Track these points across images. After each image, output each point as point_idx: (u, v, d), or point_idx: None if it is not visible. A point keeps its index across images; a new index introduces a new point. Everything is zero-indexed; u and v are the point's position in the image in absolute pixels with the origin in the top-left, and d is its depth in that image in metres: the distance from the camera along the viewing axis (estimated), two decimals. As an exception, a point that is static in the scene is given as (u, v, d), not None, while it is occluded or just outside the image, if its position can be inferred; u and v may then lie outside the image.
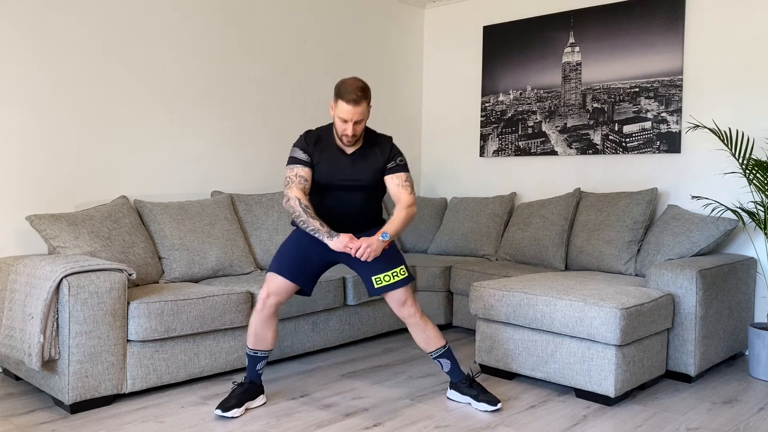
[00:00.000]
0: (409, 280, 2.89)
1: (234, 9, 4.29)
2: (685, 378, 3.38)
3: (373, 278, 2.84)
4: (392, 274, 2.84)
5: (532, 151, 4.88)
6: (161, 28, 3.94)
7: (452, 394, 3.06)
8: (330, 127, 2.89)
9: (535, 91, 4.87)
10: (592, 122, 4.57)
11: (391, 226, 2.78)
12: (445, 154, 5.45)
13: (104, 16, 3.70)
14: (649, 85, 4.29)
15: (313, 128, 2.95)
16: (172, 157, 4.02)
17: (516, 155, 4.97)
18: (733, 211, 3.59)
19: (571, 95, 4.67)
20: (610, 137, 4.47)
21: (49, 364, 2.83)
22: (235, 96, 4.33)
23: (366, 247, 2.69)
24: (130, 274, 2.96)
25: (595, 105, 4.55)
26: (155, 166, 3.95)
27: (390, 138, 2.95)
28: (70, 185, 3.60)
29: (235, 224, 3.88)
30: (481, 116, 5.18)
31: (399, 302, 2.89)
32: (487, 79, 5.14)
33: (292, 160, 2.83)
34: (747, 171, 3.61)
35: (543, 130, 4.83)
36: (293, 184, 2.79)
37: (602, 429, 2.75)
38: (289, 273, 2.84)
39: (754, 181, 3.59)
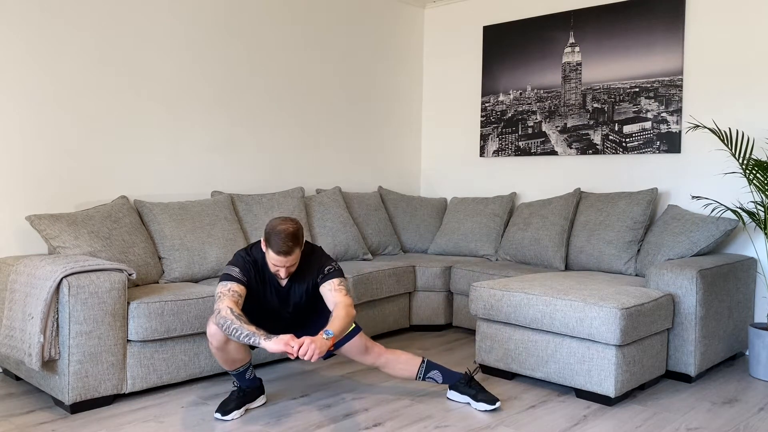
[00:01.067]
0: (359, 329, 2.91)
1: (234, 10, 4.29)
2: (685, 378, 3.38)
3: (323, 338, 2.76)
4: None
5: (532, 151, 4.88)
6: (161, 29, 3.94)
7: (452, 394, 3.06)
8: (261, 251, 2.79)
9: (535, 91, 4.86)
10: (592, 122, 4.57)
11: (334, 325, 2.57)
12: (445, 154, 5.45)
13: (104, 17, 3.69)
14: (649, 85, 4.29)
15: (248, 250, 2.79)
16: (172, 157, 4.02)
17: (516, 155, 4.97)
18: (733, 211, 3.59)
19: (571, 95, 4.67)
20: (610, 137, 4.47)
21: (49, 364, 2.83)
22: (235, 96, 4.33)
23: (310, 344, 2.41)
24: (130, 274, 2.96)
25: (595, 105, 4.55)
26: (155, 166, 3.95)
27: (318, 250, 2.86)
28: (70, 185, 3.60)
29: (235, 224, 3.88)
30: (481, 116, 5.18)
31: (361, 350, 2.90)
32: (487, 79, 5.14)
33: (227, 277, 2.67)
34: (747, 171, 3.61)
35: (543, 130, 4.83)
36: (225, 297, 2.60)
37: (602, 429, 2.75)
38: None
39: (754, 181, 3.59)
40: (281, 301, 2.83)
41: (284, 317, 2.87)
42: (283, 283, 2.81)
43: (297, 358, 2.69)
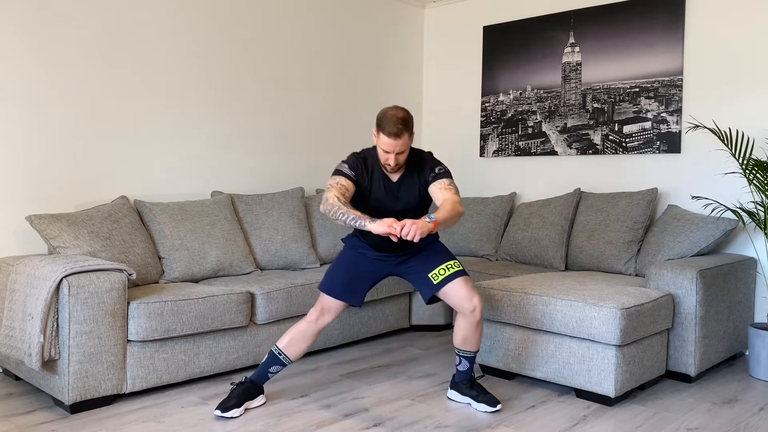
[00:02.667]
0: (465, 272, 2.86)
1: (234, 9, 4.29)
2: (685, 378, 3.38)
3: (429, 276, 2.82)
4: (446, 267, 2.83)
5: (532, 151, 4.88)
6: (162, 29, 3.94)
7: (452, 394, 3.06)
8: (374, 151, 2.84)
9: (535, 91, 4.86)
10: (592, 122, 4.57)
11: (438, 213, 2.62)
12: (445, 154, 5.44)
13: (105, 17, 3.70)
14: (649, 85, 4.29)
15: (360, 151, 2.87)
16: (172, 157, 4.02)
17: (516, 155, 4.97)
18: (733, 211, 3.59)
19: (571, 95, 4.67)
20: (610, 137, 4.47)
21: (49, 364, 2.83)
22: (235, 96, 4.33)
23: (411, 225, 2.47)
24: (130, 274, 2.96)
25: (595, 105, 4.55)
26: (155, 166, 3.95)
27: (429, 153, 2.90)
28: (70, 185, 3.60)
29: (235, 224, 3.88)
30: (481, 116, 5.18)
31: (463, 296, 2.80)
32: (487, 79, 5.14)
33: (337, 172, 2.76)
34: (747, 171, 3.61)
35: (543, 130, 4.83)
36: (333, 188, 2.69)
37: (602, 429, 2.75)
38: (341, 294, 2.87)
39: (754, 181, 3.59)
40: (392, 197, 2.82)
41: (394, 215, 2.83)
42: (394, 178, 2.82)
43: (400, 240, 2.73)
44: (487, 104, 5.15)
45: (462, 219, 4.86)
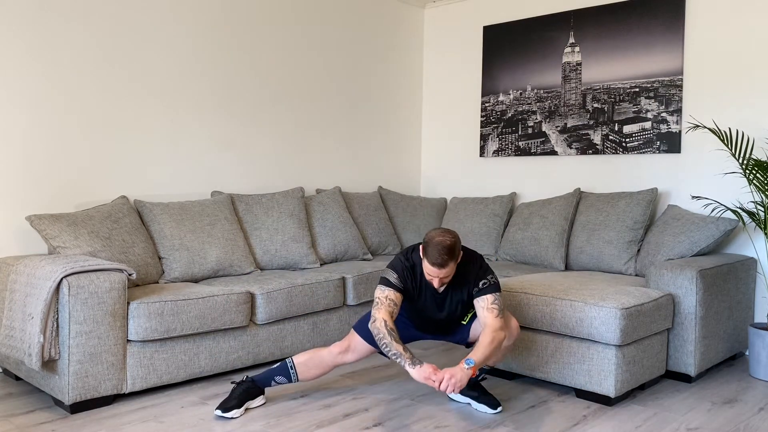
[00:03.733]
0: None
1: (234, 10, 4.29)
2: (685, 378, 3.38)
3: (462, 322, 2.88)
4: (471, 314, 2.88)
5: (532, 151, 4.88)
6: (161, 29, 3.94)
7: (453, 394, 3.05)
8: (420, 258, 2.77)
9: (535, 91, 4.86)
10: (592, 122, 4.57)
11: (476, 353, 2.56)
12: (445, 154, 5.45)
13: (104, 17, 3.70)
14: (649, 85, 4.29)
15: (407, 254, 2.79)
16: (172, 157, 4.02)
17: (516, 155, 4.97)
18: (733, 211, 3.59)
19: (571, 95, 4.67)
20: (610, 137, 4.47)
21: (49, 364, 2.83)
22: (235, 96, 4.33)
23: (450, 378, 2.47)
24: (130, 274, 2.96)
25: (595, 105, 4.55)
26: (155, 166, 3.95)
27: (479, 259, 2.80)
28: (70, 185, 3.60)
29: (235, 224, 3.88)
30: (481, 116, 5.18)
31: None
32: (487, 79, 5.14)
33: (386, 282, 2.71)
34: (747, 171, 3.61)
35: (543, 130, 4.83)
36: (382, 306, 2.66)
37: (602, 429, 2.75)
38: (372, 341, 2.86)
39: (754, 181, 3.59)
40: (436, 307, 2.82)
41: (436, 320, 2.86)
42: (440, 289, 2.78)
43: (447, 327, 2.82)
44: (487, 104, 5.15)
45: (462, 219, 4.86)
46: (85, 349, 2.80)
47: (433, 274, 2.65)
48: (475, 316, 2.85)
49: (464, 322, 2.88)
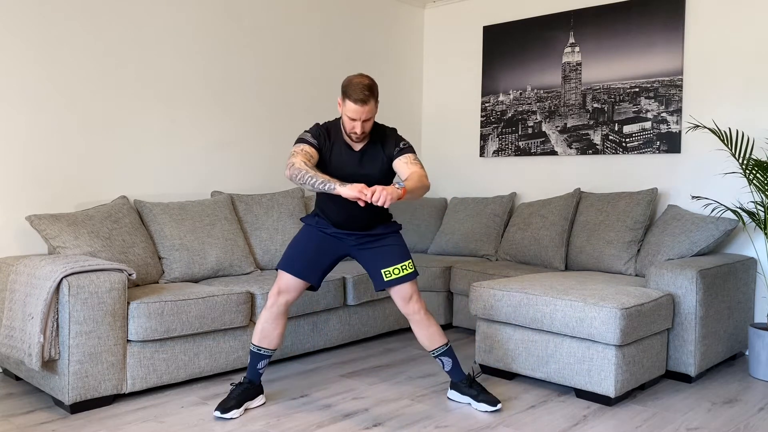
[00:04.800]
0: (415, 275, 2.89)
1: (234, 9, 4.29)
2: (685, 378, 3.38)
3: (382, 271, 2.84)
4: (401, 267, 2.85)
5: (532, 151, 4.88)
6: (162, 29, 3.94)
7: (452, 394, 3.06)
8: (338, 122, 2.86)
9: (535, 91, 4.87)
10: (592, 122, 4.57)
11: (407, 182, 2.65)
12: (445, 154, 5.45)
13: (105, 16, 3.70)
14: (649, 85, 4.29)
15: (323, 122, 2.91)
16: (172, 157, 4.02)
17: (516, 155, 4.97)
18: (733, 211, 3.59)
19: (571, 95, 4.67)
20: (610, 137, 4.47)
21: (49, 364, 2.83)
22: (235, 96, 4.33)
23: (381, 190, 2.48)
24: (130, 274, 2.96)
25: (595, 105, 4.55)
26: (155, 166, 3.95)
27: (394, 129, 2.92)
28: (70, 185, 3.60)
29: (235, 224, 3.88)
30: (481, 116, 5.18)
31: (405, 298, 2.88)
32: (487, 79, 5.14)
33: (300, 140, 2.78)
34: (747, 171, 3.61)
35: (543, 130, 4.83)
36: (297, 155, 2.70)
37: (602, 429, 2.75)
38: (300, 271, 2.85)
39: (754, 181, 3.59)
40: (354, 166, 2.82)
41: (357, 179, 2.83)
42: (357, 147, 2.81)
43: (349, 235, 2.82)
44: (487, 104, 5.15)
45: (462, 219, 4.86)
46: (85, 349, 2.80)
47: (355, 115, 2.67)
48: (397, 281, 2.84)
49: (385, 278, 2.83)
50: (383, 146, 2.84)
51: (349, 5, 5.00)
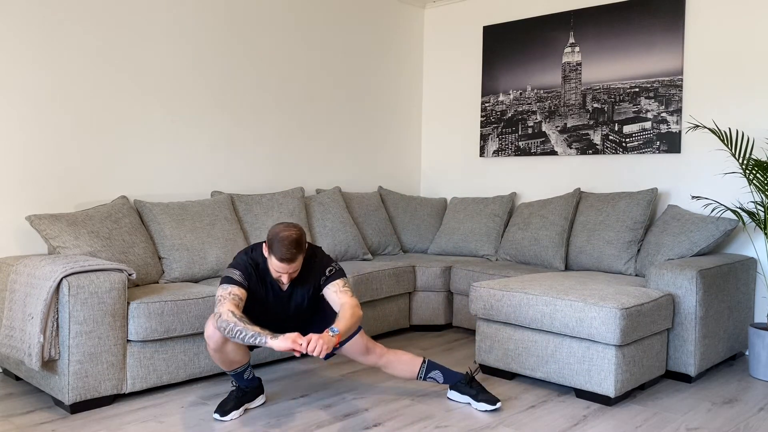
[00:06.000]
0: (359, 329, 2.90)
1: (234, 10, 4.29)
2: (685, 378, 3.38)
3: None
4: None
5: (532, 151, 4.88)
6: (162, 29, 3.94)
7: (452, 394, 3.06)
8: (262, 254, 2.76)
9: (535, 91, 4.86)
10: (592, 122, 4.57)
11: (340, 323, 2.58)
12: (445, 154, 5.45)
13: (105, 16, 3.70)
14: (649, 85, 4.29)
15: (249, 252, 2.76)
16: (172, 157, 4.02)
17: (516, 155, 4.97)
18: (733, 211, 3.59)
19: (571, 95, 4.67)
20: (610, 137, 4.47)
21: (49, 364, 2.83)
22: (235, 96, 4.33)
23: (317, 340, 2.41)
24: (130, 274, 2.96)
25: (595, 105, 4.55)
26: (155, 166, 3.95)
27: (318, 251, 2.83)
28: (70, 185, 3.60)
29: (235, 224, 3.88)
30: (481, 116, 5.18)
31: (362, 351, 2.90)
32: (487, 79, 5.14)
33: (229, 280, 2.63)
34: (747, 171, 3.61)
35: (543, 130, 4.83)
36: (225, 300, 2.57)
37: (602, 429, 2.75)
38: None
39: (754, 181, 3.59)
40: (282, 305, 2.81)
41: (286, 319, 2.86)
42: (284, 287, 2.77)
43: (303, 355, 2.71)
44: (487, 104, 5.15)
45: (462, 219, 4.86)
46: (85, 349, 2.80)
47: (282, 270, 2.62)
48: (346, 341, 2.83)
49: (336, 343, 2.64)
50: (309, 277, 2.78)
51: (349, 5, 5.00)
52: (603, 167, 4.53)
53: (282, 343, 2.42)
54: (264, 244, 2.69)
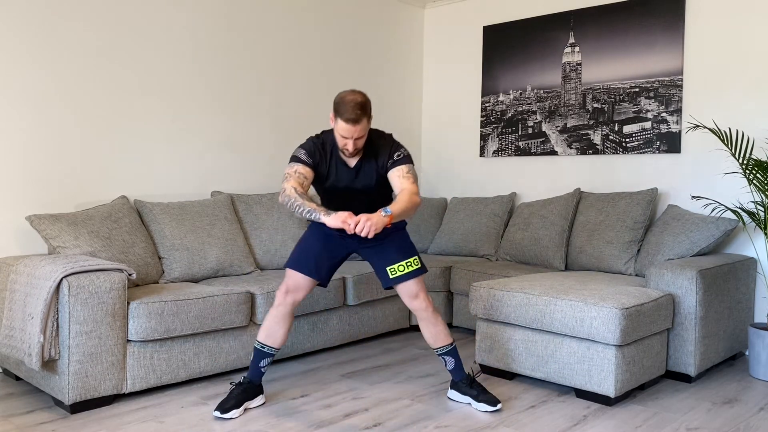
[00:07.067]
0: (422, 271, 2.89)
1: (235, 10, 4.29)
2: (685, 378, 3.38)
3: (387, 269, 2.85)
4: (406, 264, 2.85)
5: (532, 151, 4.88)
6: (162, 29, 3.94)
7: (452, 393, 3.06)
8: (332, 134, 2.82)
9: (535, 91, 4.87)
10: (592, 122, 4.57)
11: (395, 206, 2.61)
12: (445, 154, 5.45)
13: (105, 17, 3.70)
14: (649, 85, 4.29)
15: (318, 134, 2.88)
16: (172, 157, 4.02)
17: (516, 155, 4.97)
18: (733, 211, 3.59)
19: (571, 95, 4.67)
20: (610, 137, 4.47)
21: (49, 364, 2.83)
22: (235, 96, 4.33)
23: (366, 221, 2.46)
24: (130, 274, 2.96)
25: (595, 105, 4.55)
26: (155, 166, 3.95)
27: (389, 136, 2.88)
28: (70, 185, 3.60)
29: (235, 224, 3.88)
30: (481, 116, 5.18)
31: (411, 295, 2.88)
32: (487, 79, 5.14)
33: (295, 159, 2.76)
34: (747, 171, 3.61)
35: (543, 130, 4.83)
36: (291, 178, 2.70)
37: (602, 429, 2.75)
38: (308, 269, 2.86)
39: (754, 181, 3.59)
40: (349, 182, 2.82)
41: (353, 199, 2.84)
42: (352, 163, 2.80)
43: (354, 235, 2.76)
44: (487, 104, 5.15)
45: (462, 219, 4.86)
46: (85, 349, 2.80)
47: (346, 134, 2.66)
48: (402, 278, 2.84)
49: (390, 276, 2.83)
50: (377, 158, 2.82)
51: (349, 5, 5.00)
52: (603, 167, 4.53)
53: (333, 220, 2.50)
54: (331, 114, 2.71)
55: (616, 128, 4.44)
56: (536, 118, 4.86)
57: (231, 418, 2.79)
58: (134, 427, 2.69)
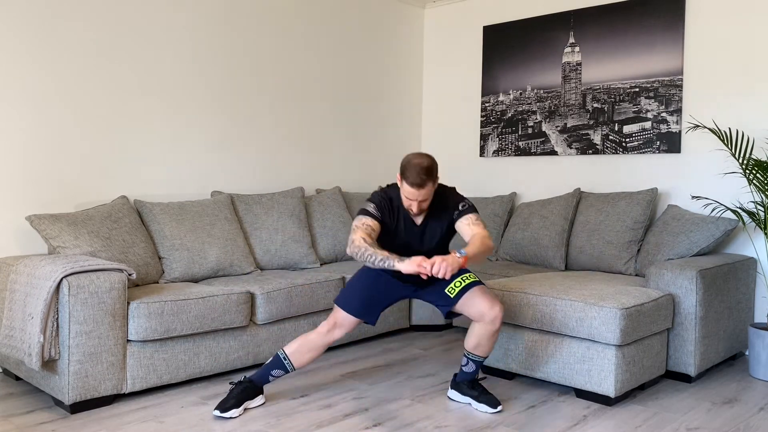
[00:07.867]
0: (481, 282, 2.87)
1: (235, 10, 4.29)
2: (685, 378, 3.38)
3: (446, 290, 2.83)
4: (462, 279, 2.84)
5: (532, 151, 4.88)
6: (162, 29, 3.94)
7: (453, 393, 3.06)
8: (398, 190, 2.82)
9: (535, 91, 4.86)
10: (592, 122, 4.57)
11: (469, 248, 2.64)
12: (445, 154, 5.44)
13: (105, 17, 3.70)
14: (649, 85, 4.29)
15: (384, 187, 2.89)
16: (172, 157, 4.02)
17: (516, 155, 4.97)
18: (733, 211, 3.59)
19: (571, 95, 4.67)
20: (610, 137, 4.47)
21: (49, 364, 2.83)
22: (235, 96, 4.33)
23: (441, 261, 2.49)
24: (130, 274, 2.96)
25: (595, 105, 4.55)
26: (155, 166, 3.95)
27: (453, 189, 2.90)
28: (70, 185, 3.60)
29: (235, 224, 3.88)
30: (481, 116, 5.18)
31: (487, 305, 2.79)
32: (487, 79, 5.14)
33: (364, 212, 2.77)
34: (747, 171, 3.61)
35: (543, 130, 4.83)
36: (359, 230, 2.70)
37: (602, 429, 2.75)
38: (359, 311, 2.87)
39: (754, 181, 3.59)
40: (416, 240, 2.84)
41: (414, 254, 2.83)
42: (418, 221, 2.83)
43: (430, 278, 2.77)
44: (487, 104, 5.15)
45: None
46: (85, 349, 2.80)
47: (412, 197, 2.69)
48: (464, 290, 2.82)
49: (451, 295, 2.83)
50: (443, 213, 2.84)
51: (349, 5, 5.00)
52: (603, 167, 4.53)
53: (408, 266, 2.51)
54: (398, 175, 2.74)
55: (616, 128, 4.44)
56: (536, 118, 4.86)
57: (231, 418, 2.79)
58: (134, 427, 2.69)
